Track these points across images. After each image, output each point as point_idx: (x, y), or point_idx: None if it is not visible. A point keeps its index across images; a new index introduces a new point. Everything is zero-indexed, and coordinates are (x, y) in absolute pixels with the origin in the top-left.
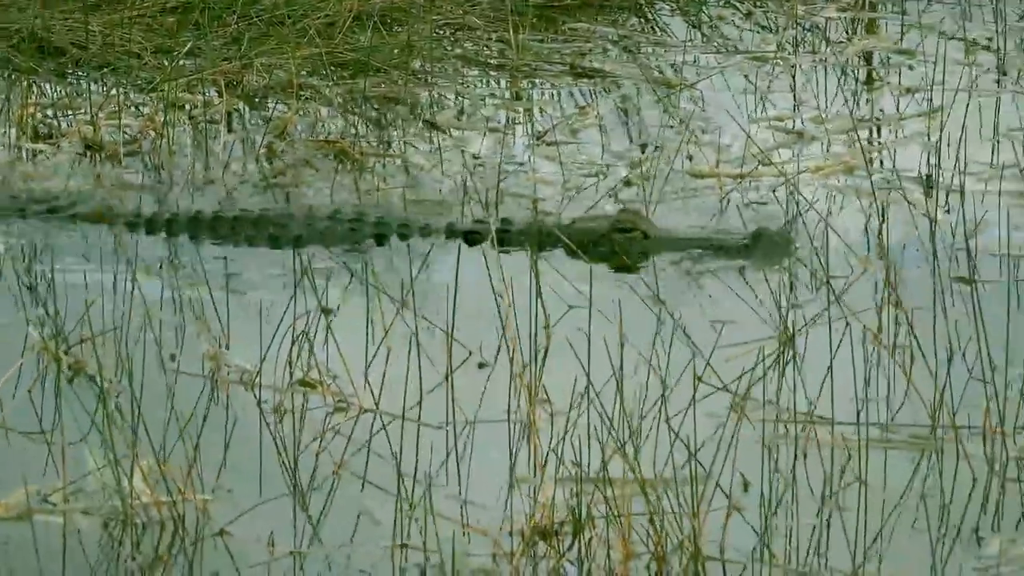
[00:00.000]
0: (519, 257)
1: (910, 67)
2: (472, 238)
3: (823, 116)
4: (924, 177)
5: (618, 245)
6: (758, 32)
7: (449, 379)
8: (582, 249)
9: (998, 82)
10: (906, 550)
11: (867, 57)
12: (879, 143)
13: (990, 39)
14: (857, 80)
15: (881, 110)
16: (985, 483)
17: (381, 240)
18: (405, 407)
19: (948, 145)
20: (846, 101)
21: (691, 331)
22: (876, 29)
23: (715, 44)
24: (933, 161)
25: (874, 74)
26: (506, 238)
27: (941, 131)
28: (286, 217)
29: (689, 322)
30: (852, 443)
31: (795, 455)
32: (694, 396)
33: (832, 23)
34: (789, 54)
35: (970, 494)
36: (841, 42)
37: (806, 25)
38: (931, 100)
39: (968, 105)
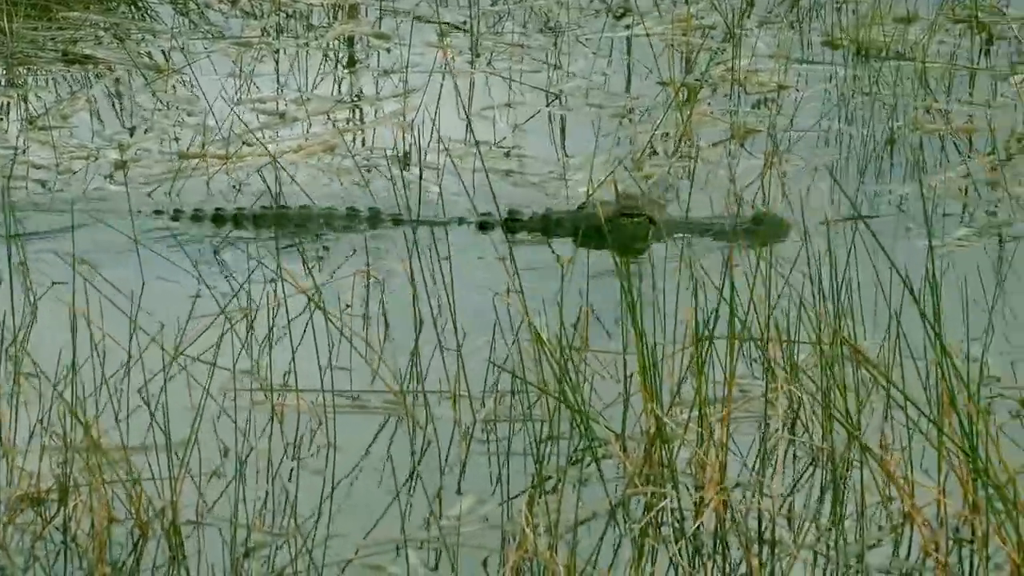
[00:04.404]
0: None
1: (387, 50)
2: (484, 225)
3: (304, 98)
4: (401, 155)
5: (624, 230)
6: (244, 18)
7: None
8: (588, 235)
9: (471, 63)
10: (378, 512)
11: (348, 41)
12: (359, 123)
13: (464, 22)
14: (338, 63)
15: (360, 92)
16: (450, 446)
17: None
18: None
19: (423, 124)
20: (327, 83)
21: (171, 304)
22: (356, 14)
23: (202, 30)
24: (409, 139)
25: (354, 57)
26: (515, 226)
27: (416, 111)
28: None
29: (171, 294)
30: (322, 409)
31: (271, 421)
32: (165, 367)
33: (315, 9)
34: (273, 39)
35: (436, 457)
36: (323, 27)
37: (290, 11)
38: (407, 81)
39: (443, 86)
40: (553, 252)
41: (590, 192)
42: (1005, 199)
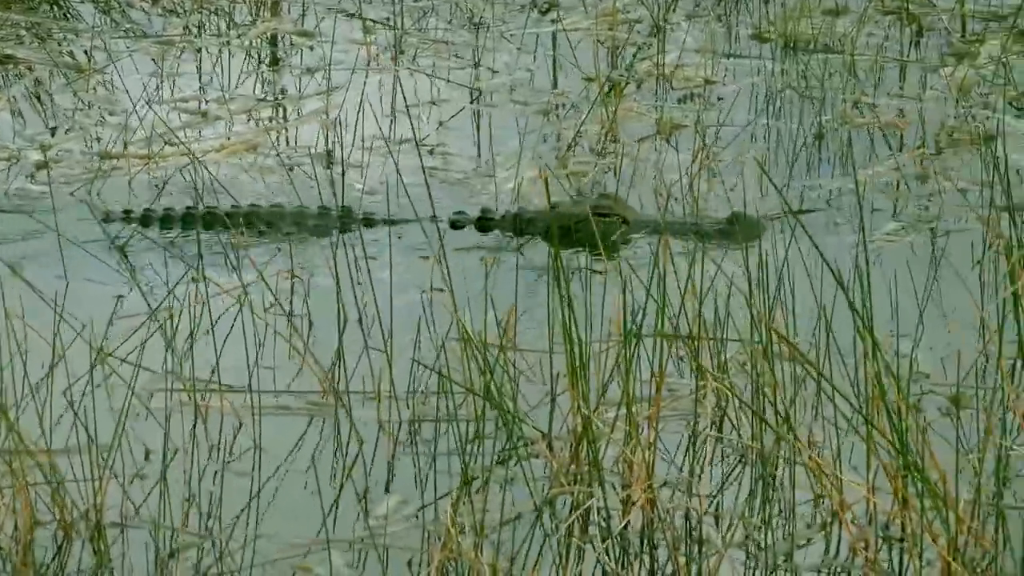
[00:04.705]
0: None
1: (311, 48)
2: (456, 224)
3: (227, 97)
4: (325, 152)
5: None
6: (166, 16)
7: None
8: (562, 234)
9: (395, 60)
10: (303, 513)
11: (271, 39)
12: (281, 122)
13: (387, 19)
14: (261, 61)
15: (283, 90)
16: (375, 446)
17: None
18: None
19: (347, 121)
20: (249, 82)
21: (96, 305)
22: (279, 11)
23: (124, 29)
24: (333, 137)
25: (277, 55)
26: (487, 225)
27: (340, 109)
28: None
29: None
30: (247, 409)
31: (195, 422)
32: (91, 368)
33: (237, 6)
34: (195, 37)
35: (362, 456)
36: (246, 25)
37: (212, 9)
38: (330, 79)
39: (366, 83)
40: (485, 251)
41: (517, 189)
42: (936, 193)
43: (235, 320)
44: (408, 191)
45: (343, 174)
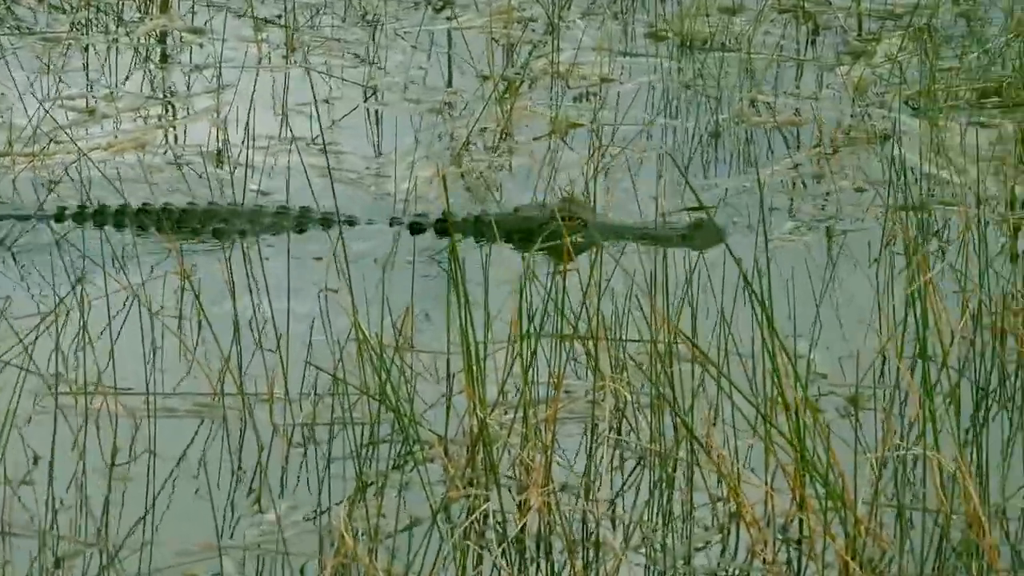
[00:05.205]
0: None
1: (201, 45)
2: (415, 227)
3: (115, 95)
4: (215, 152)
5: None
6: (52, 13)
7: None
8: (522, 238)
9: (286, 58)
10: (194, 517)
11: (160, 36)
12: (170, 120)
13: (279, 16)
14: (149, 59)
15: (172, 88)
16: (269, 449)
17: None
18: None
19: (237, 120)
20: (138, 79)
21: None
22: (168, 9)
23: (9, 26)
24: (223, 136)
25: (166, 53)
26: (446, 228)
27: (230, 107)
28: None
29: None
30: (140, 412)
31: (84, 426)
32: None
33: (126, 4)
34: (83, 34)
35: (256, 460)
36: (134, 22)
37: (100, 5)
38: (221, 77)
39: (257, 81)
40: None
41: (411, 189)
42: (832, 192)
43: (125, 322)
44: (299, 191)
45: (232, 174)
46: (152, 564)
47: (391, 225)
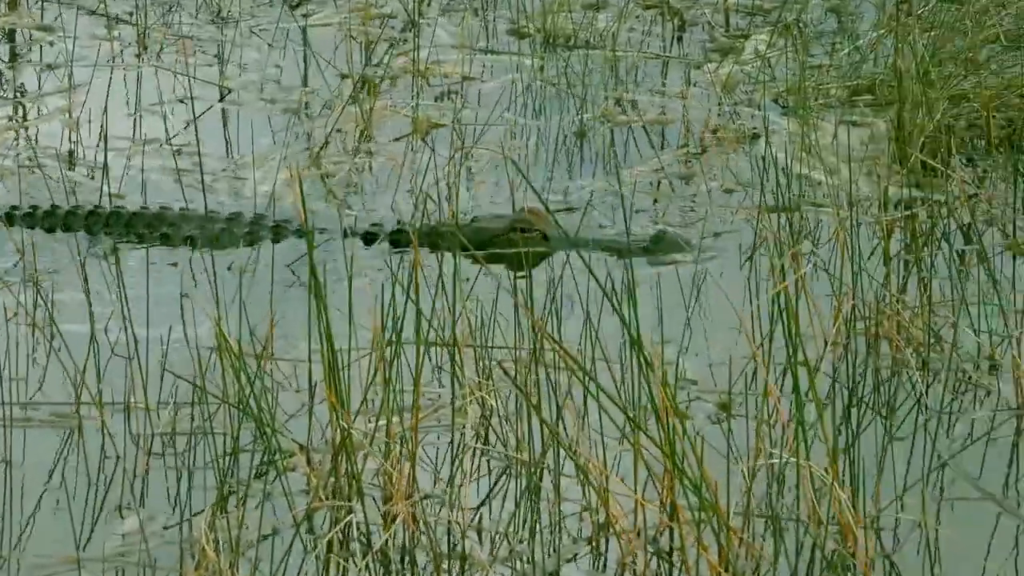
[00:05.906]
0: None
1: (51, 43)
2: (368, 237)
3: None
4: (67, 153)
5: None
6: None
7: None
8: (481, 248)
9: (139, 56)
10: (51, 529)
11: (8, 34)
12: (20, 121)
13: (130, 14)
14: None
15: (22, 87)
16: (124, 459)
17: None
18: None
19: (90, 121)
20: None
21: None
22: (17, 5)
23: None
24: (75, 137)
25: (15, 51)
26: (401, 239)
27: (82, 107)
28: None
29: None
30: None
31: None
32: None
33: None
34: None
35: (114, 470)
36: None
37: None
38: (72, 76)
39: (110, 80)
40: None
41: (272, 192)
42: (701, 193)
43: None
44: (156, 192)
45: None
46: None
47: (345, 237)
